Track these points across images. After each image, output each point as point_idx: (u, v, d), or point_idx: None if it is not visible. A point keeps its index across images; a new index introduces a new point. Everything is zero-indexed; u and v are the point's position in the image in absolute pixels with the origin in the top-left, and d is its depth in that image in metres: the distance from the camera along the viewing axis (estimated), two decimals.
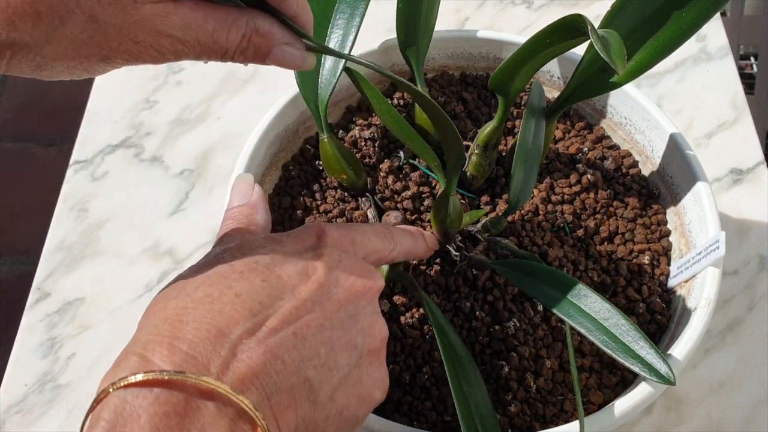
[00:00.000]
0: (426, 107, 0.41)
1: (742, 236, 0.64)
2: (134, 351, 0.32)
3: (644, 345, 0.41)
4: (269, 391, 0.33)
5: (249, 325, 0.33)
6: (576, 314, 0.42)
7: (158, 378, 0.30)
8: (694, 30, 0.45)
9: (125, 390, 0.30)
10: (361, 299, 0.38)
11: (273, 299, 0.35)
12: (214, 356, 0.32)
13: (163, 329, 0.33)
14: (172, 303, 0.34)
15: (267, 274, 0.35)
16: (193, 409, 0.30)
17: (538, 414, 0.46)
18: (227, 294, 0.34)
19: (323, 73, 0.52)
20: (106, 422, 0.30)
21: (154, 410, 0.30)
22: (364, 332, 0.37)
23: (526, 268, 0.46)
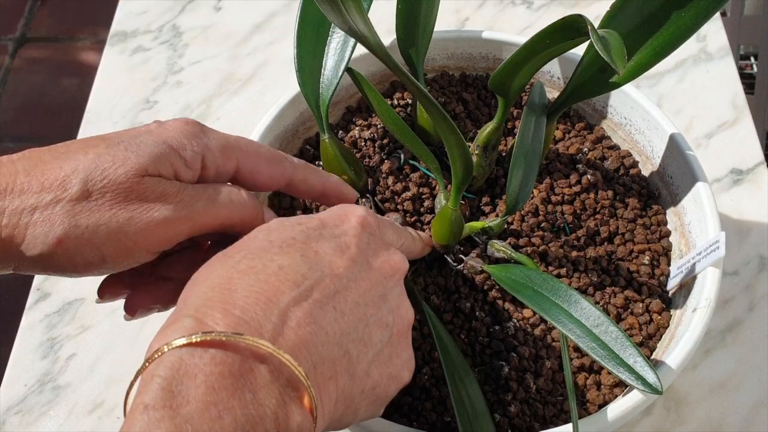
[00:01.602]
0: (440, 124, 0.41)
1: (742, 236, 0.64)
2: (186, 313, 0.32)
3: (633, 353, 0.41)
4: (315, 360, 0.33)
5: (294, 294, 0.34)
6: (566, 320, 0.42)
7: (215, 339, 0.31)
8: (694, 30, 0.45)
9: (181, 349, 0.31)
10: (389, 280, 0.39)
11: (313, 272, 0.35)
12: (265, 322, 0.32)
13: (212, 295, 0.33)
14: (216, 273, 0.35)
15: (305, 249, 0.36)
16: (247, 371, 0.31)
17: (537, 414, 0.46)
18: (270, 266, 0.35)
19: (325, 73, 0.52)
20: (161, 378, 0.30)
21: (209, 370, 0.30)
22: (393, 312, 0.38)
23: (519, 273, 0.46)
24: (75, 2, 1.76)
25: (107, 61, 0.80)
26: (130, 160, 0.38)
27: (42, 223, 0.37)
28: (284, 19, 0.83)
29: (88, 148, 0.38)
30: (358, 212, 0.40)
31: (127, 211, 0.38)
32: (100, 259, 0.38)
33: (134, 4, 0.85)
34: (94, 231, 0.37)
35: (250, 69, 0.79)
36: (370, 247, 0.39)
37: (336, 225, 0.39)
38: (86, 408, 0.57)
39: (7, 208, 0.36)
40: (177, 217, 0.39)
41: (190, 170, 0.40)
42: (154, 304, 0.43)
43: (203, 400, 0.29)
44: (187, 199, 0.39)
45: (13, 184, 0.37)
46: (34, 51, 1.68)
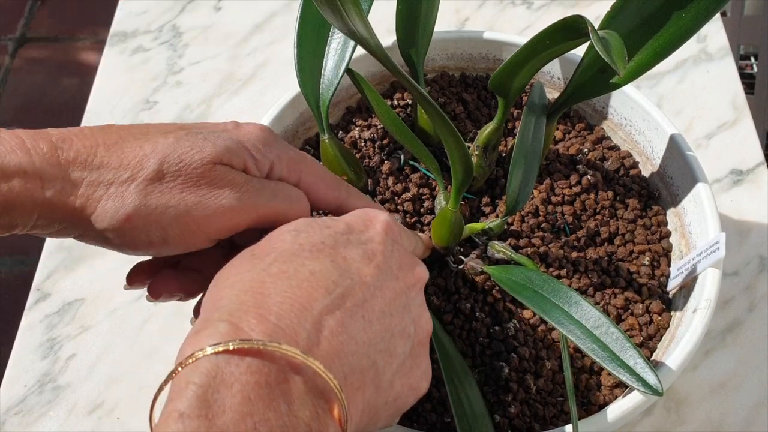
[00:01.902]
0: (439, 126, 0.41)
1: (742, 237, 0.64)
2: (221, 318, 0.32)
3: (633, 354, 0.41)
4: (346, 371, 0.33)
5: (327, 302, 0.34)
6: (567, 322, 0.42)
7: (253, 347, 0.30)
8: (694, 30, 0.45)
9: (217, 356, 0.30)
10: (412, 290, 0.39)
11: (343, 279, 0.35)
12: (300, 329, 0.32)
13: (245, 299, 0.33)
14: (248, 275, 0.34)
15: (334, 255, 0.36)
16: (282, 381, 0.31)
17: (538, 415, 0.46)
18: (302, 271, 0.35)
19: (325, 74, 0.52)
20: (196, 386, 0.29)
21: (246, 379, 0.30)
22: (415, 322, 0.38)
23: (519, 275, 0.46)
24: (75, 2, 1.76)
25: (107, 61, 0.80)
26: (206, 149, 0.39)
27: (115, 198, 0.38)
28: (284, 19, 0.83)
29: (169, 133, 0.40)
30: (382, 217, 0.40)
31: (196, 196, 0.39)
32: (162, 240, 0.39)
33: (134, 4, 0.85)
34: (162, 212, 0.38)
35: (250, 69, 0.79)
36: (394, 255, 0.39)
37: (361, 230, 0.39)
38: (86, 408, 0.57)
39: (86, 179, 0.38)
40: (242, 206, 0.40)
41: (258, 172, 0.41)
42: (179, 292, 0.43)
43: (239, 411, 0.29)
44: (252, 190, 0.40)
45: (93, 157, 0.38)
46: (34, 51, 1.68)
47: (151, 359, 0.60)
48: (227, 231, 0.40)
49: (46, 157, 0.37)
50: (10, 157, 0.36)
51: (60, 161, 0.37)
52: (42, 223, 0.38)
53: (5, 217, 0.36)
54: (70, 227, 0.38)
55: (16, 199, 0.36)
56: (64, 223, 0.38)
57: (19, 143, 0.37)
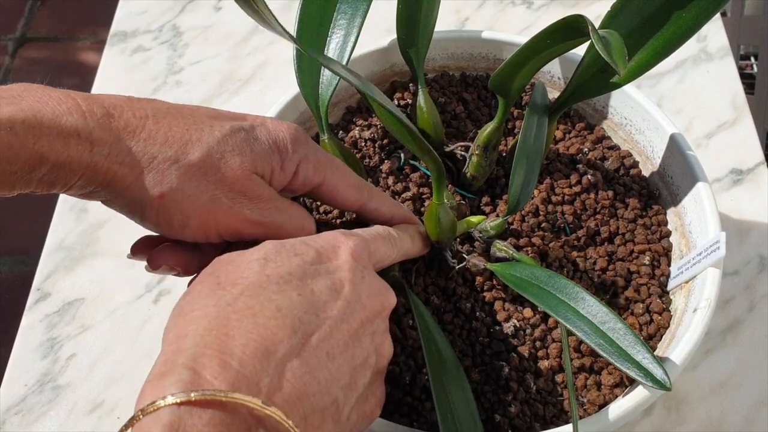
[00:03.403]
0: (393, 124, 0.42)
1: (743, 236, 0.64)
2: (183, 363, 0.32)
3: (641, 349, 0.41)
4: (306, 412, 0.33)
5: (293, 342, 0.34)
6: (573, 317, 0.42)
7: (214, 398, 0.30)
8: (695, 30, 0.45)
9: (179, 408, 0.30)
10: (377, 317, 0.39)
11: (309, 315, 0.35)
12: (263, 376, 0.32)
13: (209, 341, 0.33)
14: (213, 310, 0.34)
15: (301, 288, 0.36)
16: (245, 431, 0.31)
17: (538, 414, 0.46)
18: (268, 307, 0.35)
19: (324, 74, 0.52)
20: None
21: (209, 431, 0.30)
22: (377, 350, 0.38)
23: (523, 271, 0.46)
24: (75, 2, 1.76)
25: (107, 61, 0.80)
26: (246, 153, 0.41)
27: (155, 174, 0.39)
28: (284, 19, 0.82)
29: (214, 124, 0.41)
30: (349, 244, 0.40)
31: (227, 198, 0.40)
32: (182, 225, 0.40)
33: (134, 4, 0.85)
34: (192, 200, 0.39)
35: (250, 69, 0.79)
36: (364, 282, 0.39)
37: (329, 258, 0.39)
38: (86, 408, 0.57)
39: (132, 148, 0.38)
40: (259, 222, 0.41)
41: (283, 173, 0.43)
42: (177, 266, 0.44)
43: None
44: (273, 210, 0.42)
45: (141, 128, 0.39)
46: (34, 51, 1.68)
47: (151, 359, 0.59)
48: (240, 237, 0.42)
49: (99, 122, 0.38)
50: (67, 118, 0.37)
51: (111, 127, 0.38)
52: (81, 184, 0.38)
53: (51, 175, 0.37)
54: (103, 191, 0.39)
55: (66, 160, 0.37)
56: (100, 186, 0.39)
57: (75, 105, 0.37)
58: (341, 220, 0.53)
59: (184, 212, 0.40)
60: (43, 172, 0.37)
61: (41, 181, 0.37)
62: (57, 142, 0.36)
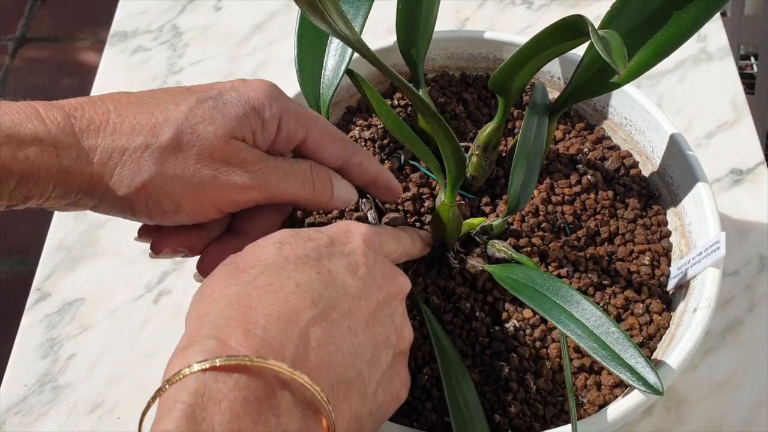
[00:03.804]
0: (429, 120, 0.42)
1: (743, 236, 0.64)
2: (207, 334, 0.32)
3: (634, 353, 0.41)
4: (332, 381, 0.33)
5: (313, 313, 0.34)
6: (567, 321, 0.42)
7: (240, 363, 0.30)
8: (695, 30, 0.45)
9: (204, 374, 0.30)
10: (394, 299, 0.39)
11: (329, 291, 0.35)
12: (287, 343, 0.32)
13: (232, 313, 0.33)
14: (233, 289, 0.34)
15: (318, 267, 0.36)
16: (270, 395, 0.31)
17: (538, 415, 0.46)
18: (288, 284, 0.35)
19: (325, 74, 0.52)
20: (184, 404, 0.29)
21: (234, 395, 0.30)
22: (398, 332, 0.38)
23: (520, 273, 0.46)
24: (75, 2, 1.76)
25: (107, 61, 0.80)
26: (218, 120, 0.39)
27: (130, 165, 0.38)
28: (284, 19, 0.83)
29: (179, 100, 0.40)
30: (361, 230, 0.40)
31: (210, 169, 0.39)
32: (175, 210, 0.39)
33: (134, 4, 0.85)
34: (176, 182, 0.38)
35: (250, 69, 0.79)
36: (377, 266, 0.39)
37: (343, 242, 0.39)
38: (86, 408, 0.57)
39: (99, 146, 0.37)
40: (252, 185, 0.40)
41: (266, 132, 0.41)
42: (182, 248, 0.43)
43: (228, 428, 0.29)
44: (264, 170, 0.40)
45: (105, 123, 0.38)
46: (34, 51, 1.68)
47: (151, 359, 0.60)
48: (238, 206, 0.41)
49: (60, 125, 0.37)
50: (26, 125, 0.36)
51: (74, 129, 0.37)
52: (58, 194, 0.37)
53: (22, 188, 0.36)
54: (85, 197, 0.38)
55: (32, 168, 0.36)
56: (80, 192, 0.38)
57: (34, 113, 0.37)
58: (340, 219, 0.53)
59: (171, 196, 0.39)
60: (12, 185, 0.36)
61: (14, 195, 0.36)
62: (18, 151, 0.35)
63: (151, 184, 0.38)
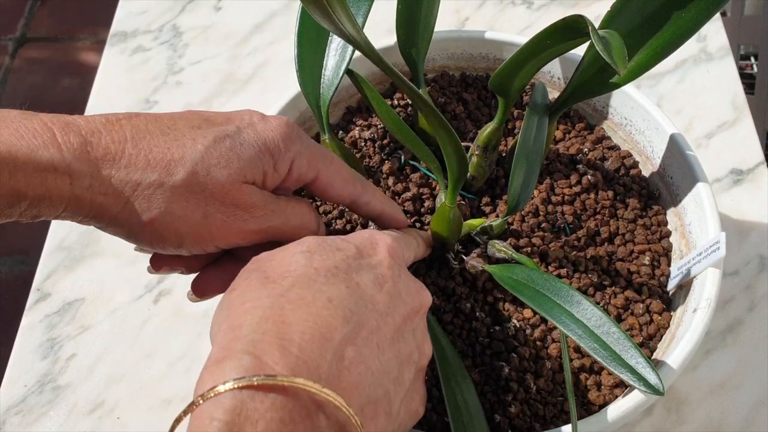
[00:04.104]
0: (432, 120, 0.41)
1: (743, 236, 0.64)
2: (242, 349, 0.32)
3: (634, 354, 0.41)
4: (362, 402, 0.33)
5: (346, 331, 0.34)
6: (568, 321, 0.42)
7: (277, 383, 0.30)
8: (695, 30, 0.45)
9: (240, 391, 0.30)
10: (417, 315, 0.39)
11: (359, 307, 0.35)
12: (322, 362, 0.32)
13: (266, 328, 0.33)
14: (266, 301, 0.34)
15: (348, 280, 0.36)
16: (305, 417, 0.31)
17: (538, 415, 0.46)
18: (320, 298, 0.35)
19: (325, 74, 0.52)
20: (220, 422, 0.29)
21: (270, 416, 0.30)
22: (419, 348, 0.39)
23: (520, 273, 0.46)
24: (75, 2, 1.76)
25: (107, 61, 0.80)
26: (233, 163, 0.39)
27: (141, 201, 0.38)
28: (284, 19, 0.83)
29: (197, 136, 0.39)
30: (386, 240, 0.40)
31: (218, 212, 0.39)
32: (177, 244, 0.40)
33: (134, 4, 0.85)
34: (183, 221, 0.39)
35: (250, 69, 0.79)
36: (401, 280, 0.39)
37: (370, 254, 0.39)
38: (86, 408, 0.57)
39: (113, 177, 0.37)
40: (257, 229, 0.41)
41: (277, 173, 0.42)
42: (180, 266, 0.44)
43: None
44: (269, 215, 0.41)
45: (121, 154, 0.38)
46: (34, 51, 1.68)
47: (151, 359, 0.60)
48: (236, 244, 0.42)
49: (76, 153, 0.37)
50: (42, 152, 0.36)
51: (89, 158, 0.37)
52: (67, 215, 0.38)
53: (33, 209, 0.36)
54: (93, 220, 0.39)
55: (45, 193, 0.36)
56: (89, 216, 0.38)
57: (51, 137, 0.36)
58: (342, 220, 0.53)
59: (176, 233, 0.39)
60: (23, 207, 0.36)
61: (24, 214, 0.37)
62: (33, 177, 0.35)
63: (159, 220, 0.38)
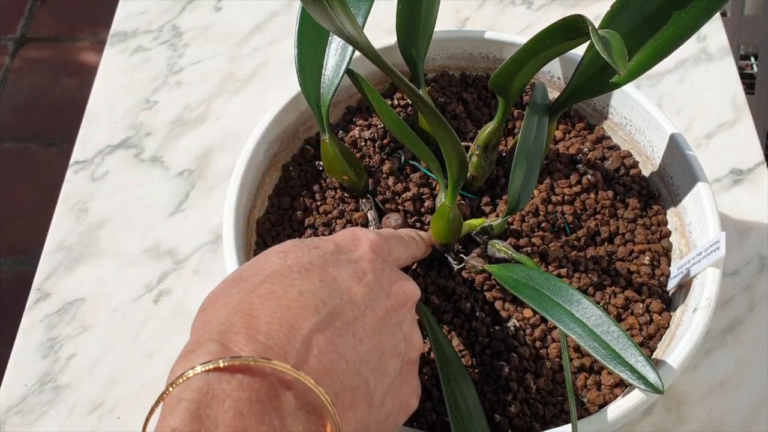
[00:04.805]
0: (431, 120, 0.41)
1: (743, 236, 0.64)
2: (210, 338, 0.32)
3: (634, 353, 0.41)
4: (336, 389, 0.33)
5: (316, 320, 0.34)
6: (568, 320, 0.42)
7: (243, 363, 0.30)
8: (694, 30, 0.45)
9: (208, 374, 0.30)
10: (403, 307, 0.39)
11: (333, 298, 0.35)
12: (289, 348, 0.32)
13: (234, 321, 0.33)
14: (236, 298, 0.34)
15: (323, 274, 0.36)
16: (274, 397, 0.31)
17: (538, 414, 0.46)
18: (290, 291, 0.34)
19: (326, 74, 0.52)
20: (189, 402, 0.29)
21: (237, 395, 0.30)
22: (406, 340, 0.38)
23: (520, 273, 0.46)
24: (75, 2, 1.76)
25: (107, 61, 0.80)
26: None
27: None
28: (284, 19, 0.83)
29: None
30: (369, 236, 0.40)
31: None
32: None
33: (134, 4, 0.85)
34: None
35: (250, 69, 0.79)
36: (385, 274, 0.39)
37: (350, 250, 0.39)
38: (86, 408, 0.57)
39: None
40: None
41: None
42: None
43: (232, 425, 0.29)
44: None
45: None
46: (34, 51, 1.68)
47: (151, 359, 0.60)
48: None
49: None
50: None
51: None
52: None
53: None
54: None
55: None
56: None
57: None
58: (342, 220, 0.53)
59: None
60: None
61: None
62: None
63: None
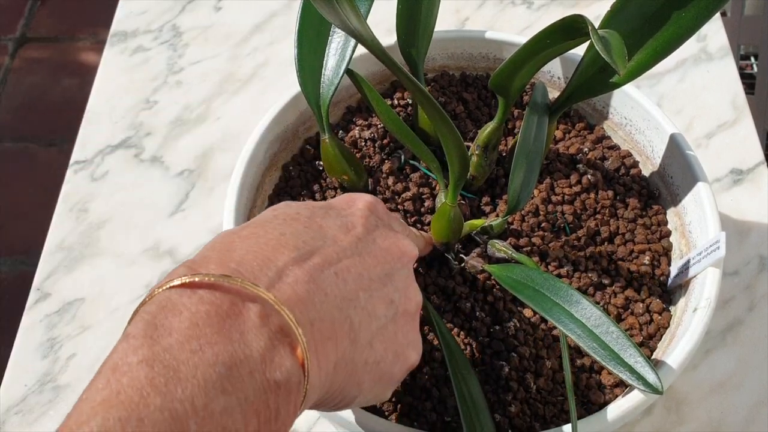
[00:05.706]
0: (433, 116, 0.41)
1: (743, 236, 0.64)
2: (183, 265, 0.33)
3: (633, 353, 0.41)
4: (312, 317, 0.33)
5: (294, 255, 0.34)
6: (567, 320, 0.42)
7: (204, 280, 0.31)
8: (694, 30, 0.45)
9: (170, 290, 0.31)
10: (397, 262, 0.38)
11: (315, 241, 0.35)
12: (261, 275, 0.32)
13: (210, 255, 0.33)
14: (218, 240, 0.35)
15: (309, 222, 0.36)
16: (236, 313, 0.31)
17: (538, 414, 0.46)
18: (272, 233, 0.35)
19: (325, 74, 0.52)
20: (147, 314, 0.30)
21: (196, 308, 0.30)
22: (400, 291, 0.38)
23: (519, 273, 0.46)
24: (75, 2, 1.76)
25: (107, 61, 0.80)
26: None
27: None
28: (284, 19, 0.83)
29: None
30: (366, 197, 0.40)
31: None
32: None
33: (134, 4, 0.85)
34: None
35: (250, 69, 0.79)
36: (378, 229, 0.38)
37: (343, 208, 0.39)
38: None
39: None
40: None
41: None
42: None
43: (185, 333, 0.29)
44: None
45: None
46: (34, 51, 1.68)
47: None
48: None
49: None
50: None
51: None
52: None
53: None
54: None
55: None
56: None
57: None
58: None
59: None
60: None
61: None
62: None
63: None
